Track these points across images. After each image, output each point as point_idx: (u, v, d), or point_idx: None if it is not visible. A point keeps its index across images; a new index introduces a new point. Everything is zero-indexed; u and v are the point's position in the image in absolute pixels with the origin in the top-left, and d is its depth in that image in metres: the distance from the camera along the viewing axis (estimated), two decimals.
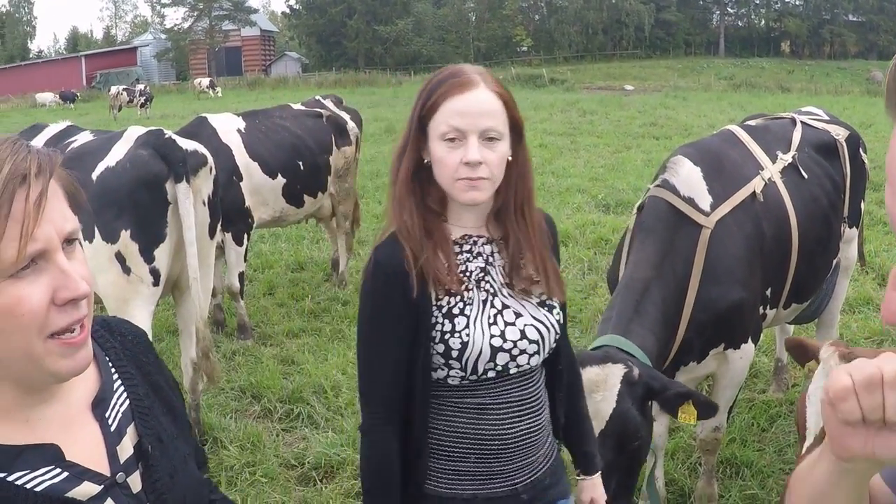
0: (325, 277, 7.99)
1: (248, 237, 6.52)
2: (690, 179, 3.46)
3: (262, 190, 6.53)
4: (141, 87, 38.38)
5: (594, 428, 2.36)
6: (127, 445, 1.26)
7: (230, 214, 5.93)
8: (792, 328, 5.17)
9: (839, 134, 4.24)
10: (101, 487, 1.19)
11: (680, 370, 3.39)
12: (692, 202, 3.38)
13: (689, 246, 3.28)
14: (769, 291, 3.65)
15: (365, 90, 43.25)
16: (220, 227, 4.76)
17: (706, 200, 3.42)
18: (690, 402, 2.62)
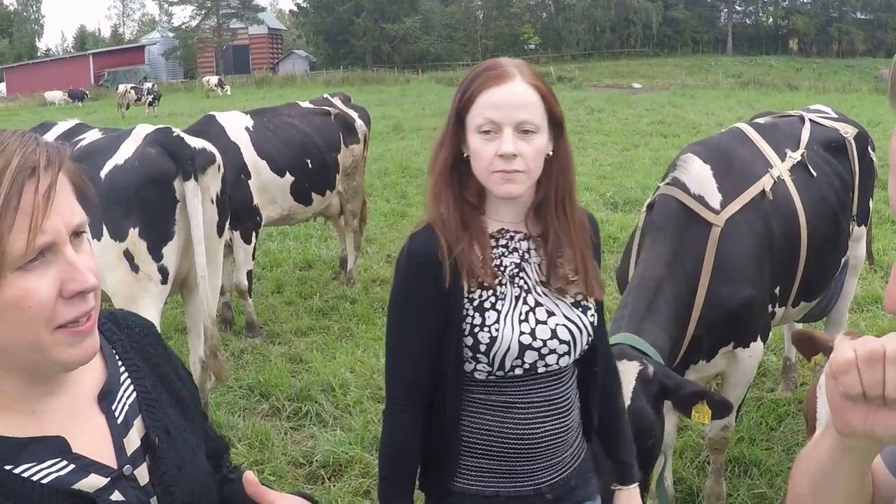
0: (333, 275, 7.98)
1: (256, 235, 6.52)
2: (700, 177, 3.45)
3: (270, 188, 6.54)
4: (149, 85, 38.56)
5: None
6: (134, 438, 1.26)
7: (238, 212, 5.93)
8: (800, 327, 5.14)
9: (848, 132, 4.23)
10: (107, 480, 1.19)
11: (689, 368, 3.37)
12: (702, 200, 3.37)
13: (699, 244, 3.27)
14: (778, 289, 3.64)
15: (373, 88, 43.33)
16: (228, 225, 4.76)
17: (716, 198, 3.41)
18: (705, 401, 2.59)
